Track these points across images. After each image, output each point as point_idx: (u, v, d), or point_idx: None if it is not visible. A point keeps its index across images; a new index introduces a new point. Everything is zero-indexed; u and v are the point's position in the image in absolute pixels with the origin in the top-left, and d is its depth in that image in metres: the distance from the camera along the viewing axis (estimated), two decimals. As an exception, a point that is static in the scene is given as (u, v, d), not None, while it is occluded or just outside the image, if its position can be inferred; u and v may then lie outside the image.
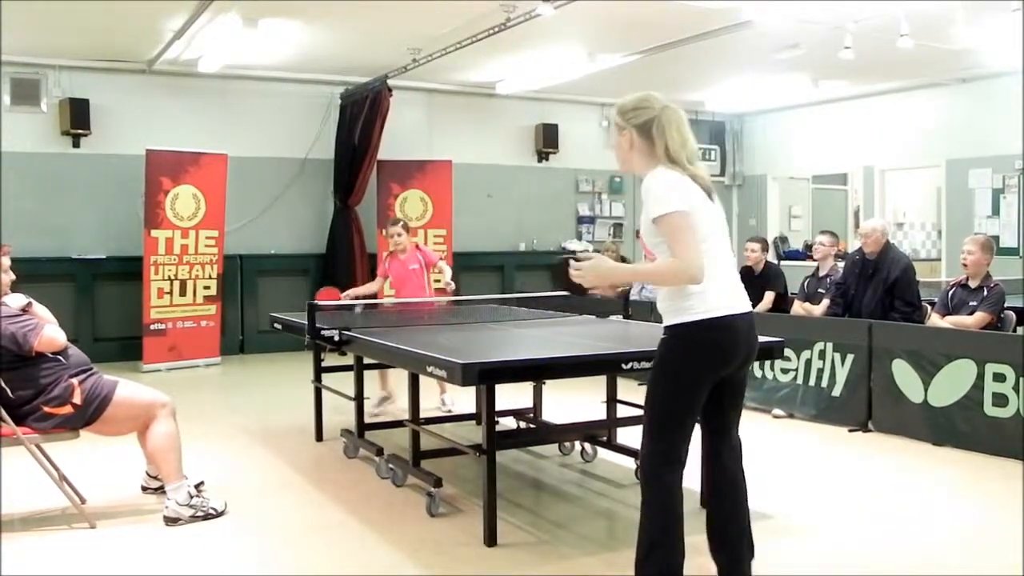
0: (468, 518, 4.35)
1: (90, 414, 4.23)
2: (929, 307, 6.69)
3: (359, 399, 5.54)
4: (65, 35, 8.46)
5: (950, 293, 6.48)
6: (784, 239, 12.70)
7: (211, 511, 4.36)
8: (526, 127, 11.93)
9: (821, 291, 7.28)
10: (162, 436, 4.34)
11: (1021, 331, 6.36)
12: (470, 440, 5.07)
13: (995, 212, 10.11)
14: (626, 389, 5.27)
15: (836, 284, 7.09)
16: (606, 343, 4.63)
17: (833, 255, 7.51)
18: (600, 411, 5.35)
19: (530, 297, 6.88)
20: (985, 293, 6.20)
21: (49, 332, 4.27)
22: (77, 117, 9.35)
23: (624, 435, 5.19)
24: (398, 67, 9.36)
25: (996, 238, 9.54)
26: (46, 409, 4.20)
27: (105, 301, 9.58)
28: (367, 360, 5.50)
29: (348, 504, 4.64)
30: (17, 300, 4.38)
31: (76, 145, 9.53)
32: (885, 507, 4.59)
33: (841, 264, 7.40)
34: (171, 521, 4.27)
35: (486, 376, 3.77)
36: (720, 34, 7.88)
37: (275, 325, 6.30)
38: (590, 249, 11.81)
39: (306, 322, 5.24)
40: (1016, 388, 5.31)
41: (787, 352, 6.08)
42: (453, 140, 11.25)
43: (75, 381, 4.24)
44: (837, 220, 12.02)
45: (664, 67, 9.43)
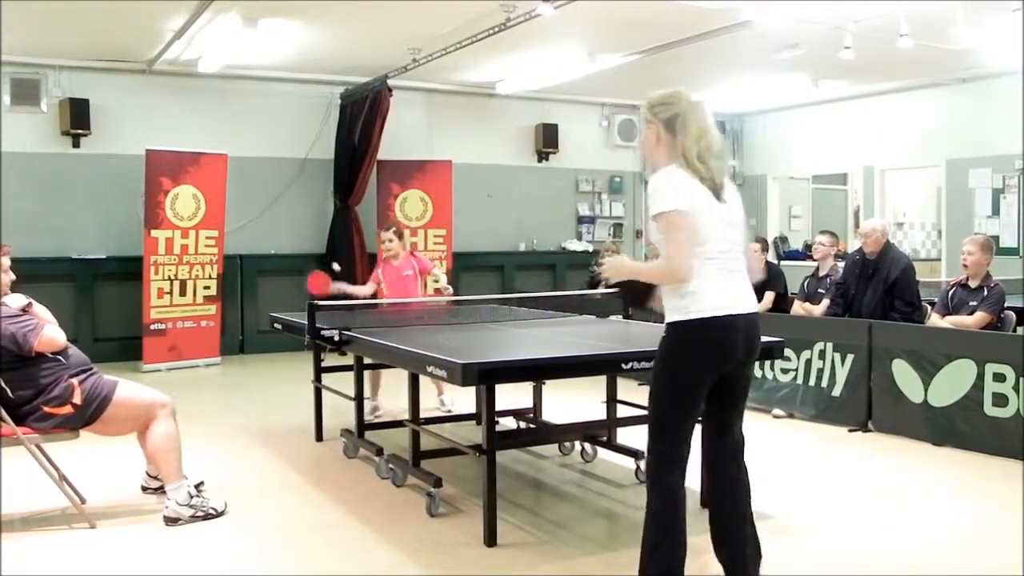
0: (468, 518, 4.35)
1: (90, 414, 4.23)
2: (929, 307, 6.69)
3: (359, 399, 5.54)
4: (65, 35, 8.45)
5: (950, 293, 6.48)
6: (784, 239, 12.70)
7: (211, 511, 4.37)
8: (526, 127, 11.93)
9: (821, 291, 7.28)
10: (162, 436, 4.34)
11: (1021, 331, 6.37)
12: (470, 440, 5.08)
13: (995, 212, 10.11)
14: (626, 389, 5.28)
15: (836, 284, 7.09)
16: (606, 343, 4.63)
17: (833, 255, 7.50)
18: (600, 411, 5.35)
19: (530, 297, 6.87)
20: (985, 293, 6.20)
21: (49, 332, 4.27)
22: (77, 117, 9.35)
23: (624, 435, 5.19)
24: (398, 67, 9.36)
25: (996, 238, 9.54)
26: (46, 409, 4.20)
27: (105, 301, 9.58)
28: (365, 361, 5.51)
29: (348, 504, 4.64)
30: (17, 300, 4.38)
31: (76, 145, 9.53)
32: (885, 507, 4.59)
33: (841, 264, 7.40)
34: (171, 521, 4.27)
35: (486, 376, 3.77)
36: (720, 34, 7.88)
37: (275, 325, 6.30)
38: (590, 249, 11.84)
39: (306, 322, 5.24)
40: (1016, 388, 5.32)
41: (787, 352, 6.08)
42: (453, 140, 11.24)
43: (75, 381, 4.25)
44: (837, 220, 12.01)
45: (664, 67, 9.41)
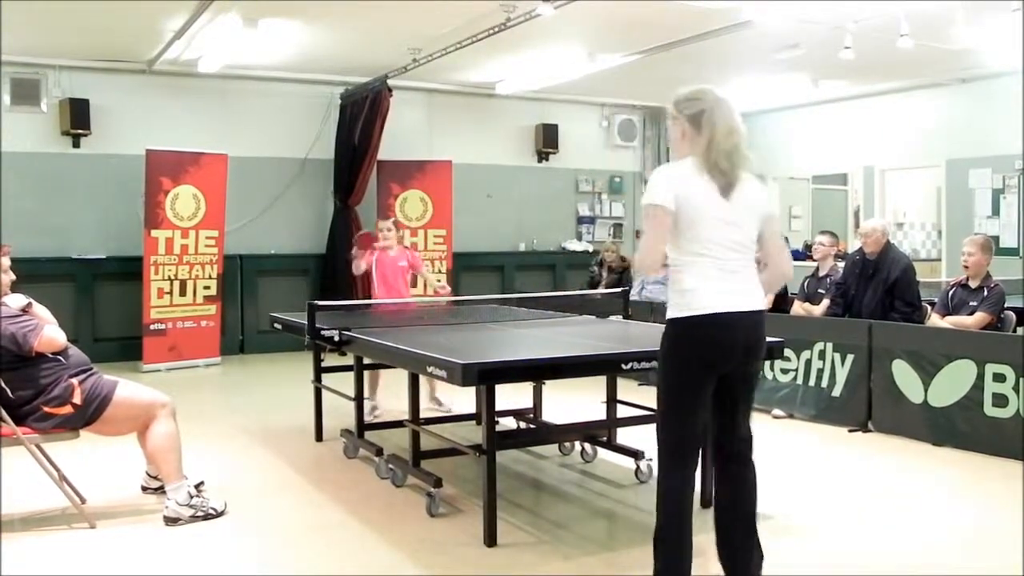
0: (468, 518, 4.35)
1: (90, 414, 4.23)
2: (929, 307, 6.69)
3: (359, 399, 5.54)
4: (65, 35, 8.45)
5: (950, 293, 6.48)
6: (784, 239, 12.68)
7: (211, 511, 4.36)
8: (526, 127, 11.93)
9: (821, 291, 7.28)
10: (162, 436, 4.34)
11: (1021, 331, 6.37)
12: (470, 440, 5.08)
13: (995, 212, 10.10)
14: (626, 389, 5.28)
15: (836, 284, 7.09)
16: (606, 343, 4.63)
17: (833, 255, 7.50)
18: (600, 411, 5.35)
19: (530, 297, 6.88)
20: (985, 293, 6.20)
21: (49, 332, 4.27)
22: (77, 117, 9.34)
23: (624, 435, 5.20)
24: (398, 67, 9.35)
25: (996, 238, 9.54)
26: (46, 409, 4.20)
27: (105, 301, 9.57)
28: (364, 361, 5.50)
29: (348, 504, 4.64)
30: (17, 300, 4.38)
31: (76, 145, 9.53)
32: (885, 507, 4.59)
33: (841, 264, 7.39)
34: (171, 521, 4.27)
35: (486, 376, 3.77)
36: (720, 34, 7.87)
37: (275, 325, 6.30)
38: (590, 249, 11.83)
39: (306, 322, 5.25)
40: (1016, 388, 5.32)
41: (787, 352, 6.08)
42: (453, 140, 11.24)
43: (75, 381, 4.25)
44: (837, 220, 12.00)
45: (664, 67, 9.41)
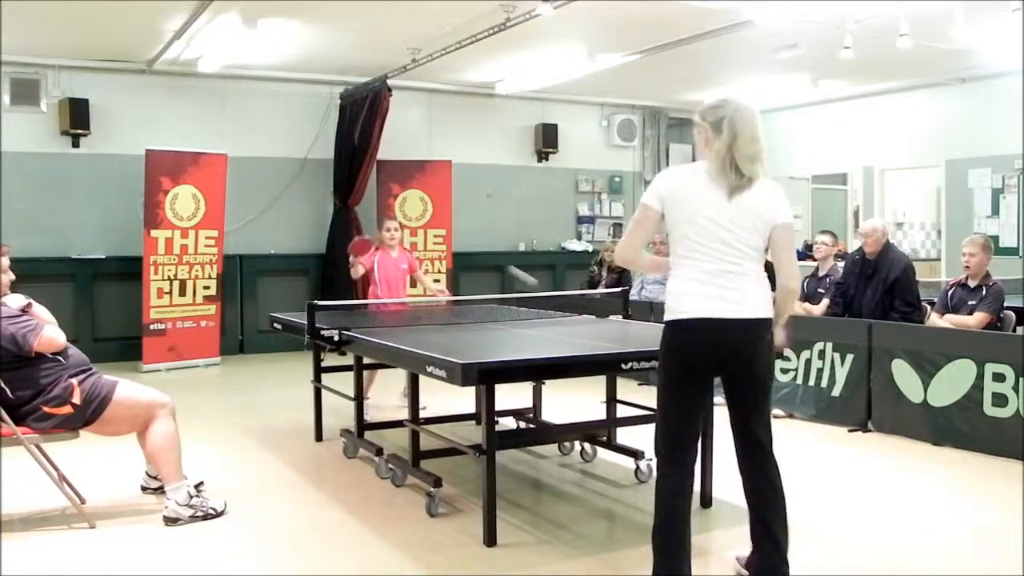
0: (468, 518, 4.36)
1: (90, 414, 4.23)
2: (929, 307, 6.69)
3: (359, 399, 5.54)
4: (65, 35, 8.45)
5: (949, 293, 6.48)
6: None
7: (211, 511, 4.37)
8: (526, 127, 11.93)
9: (821, 291, 7.28)
10: (162, 436, 4.34)
11: (1021, 331, 6.37)
12: (470, 440, 5.08)
13: (995, 212, 10.10)
14: (626, 389, 5.28)
15: (836, 284, 7.09)
16: (606, 343, 4.63)
17: (833, 255, 7.50)
18: (600, 411, 5.35)
19: (530, 297, 6.88)
20: (984, 293, 6.21)
21: (48, 332, 4.27)
22: (77, 117, 9.34)
23: (624, 435, 5.19)
24: (398, 67, 9.35)
25: (996, 238, 9.55)
26: (46, 409, 4.20)
27: (105, 301, 9.57)
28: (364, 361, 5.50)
29: (348, 504, 4.64)
30: (17, 300, 4.38)
31: (76, 145, 9.53)
32: (885, 507, 4.60)
33: (841, 264, 7.40)
34: (171, 521, 4.27)
35: (486, 376, 3.77)
36: (720, 34, 7.87)
37: (275, 325, 6.29)
38: (590, 249, 11.82)
39: (306, 322, 5.25)
40: (1016, 388, 5.32)
41: (787, 352, 6.07)
42: (453, 140, 11.24)
43: (75, 381, 4.24)
44: (837, 220, 11.99)
45: (664, 67, 9.42)
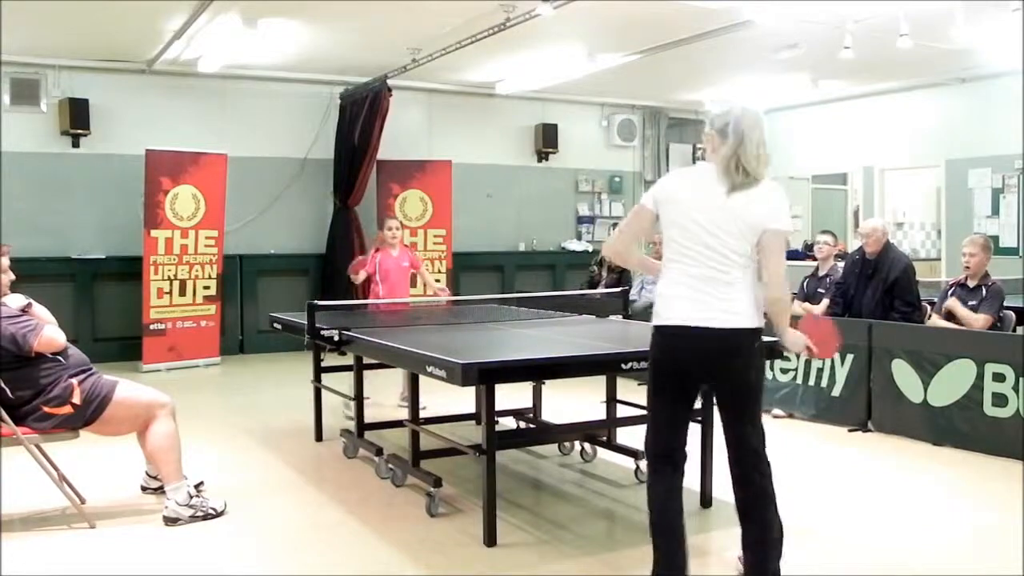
0: (468, 518, 4.36)
1: (89, 414, 4.23)
2: (929, 307, 6.69)
3: (359, 399, 5.54)
4: (65, 35, 8.45)
5: (949, 293, 6.48)
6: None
7: (211, 511, 4.37)
8: (526, 127, 11.92)
9: (821, 291, 7.27)
10: (162, 436, 4.34)
11: (1021, 331, 6.37)
12: (470, 440, 5.07)
13: (995, 212, 10.10)
14: (626, 389, 5.27)
15: (836, 284, 7.09)
16: (606, 343, 4.63)
17: (834, 255, 7.50)
18: (600, 411, 5.36)
19: (530, 297, 6.88)
20: (984, 293, 6.20)
21: (48, 332, 4.27)
22: (77, 117, 9.34)
23: (624, 435, 5.19)
24: (398, 67, 9.35)
25: (996, 238, 9.55)
26: (46, 409, 4.20)
27: (105, 301, 9.57)
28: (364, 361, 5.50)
29: (348, 504, 4.64)
30: (17, 300, 4.38)
31: (76, 145, 9.52)
32: (885, 507, 4.60)
33: (841, 264, 7.39)
34: (171, 521, 4.27)
35: (486, 376, 3.78)
36: (720, 34, 7.87)
37: (275, 325, 6.29)
38: (590, 249, 11.83)
39: (306, 322, 5.25)
40: (1016, 388, 5.32)
41: (786, 352, 6.04)
42: (453, 140, 11.24)
43: (75, 381, 4.25)
44: (837, 220, 11.99)
45: (664, 67, 9.42)
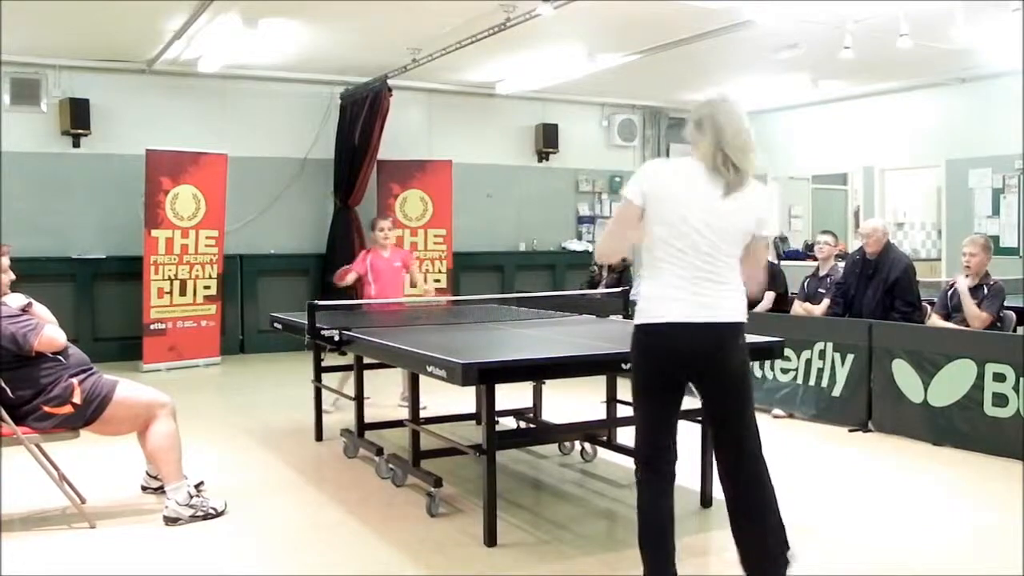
0: (468, 518, 4.36)
1: (90, 414, 4.23)
2: (929, 307, 6.69)
3: (359, 399, 5.54)
4: (65, 35, 8.45)
5: (949, 293, 6.48)
6: (784, 239, 12.68)
7: (211, 511, 4.37)
8: (526, 127, 11.93)
9: (821, 291, 7.28)
10: (162, 436, 4.34)
11: (1021, 331, 6.37)
12: (470, 440, 5.07)
13: (995, 212, 10.10)
14: (626, 389, 5.25)
15: (836, 284, 7.09)
16: (606, 343, 4.62)
17: (834, 255, 7.50)
18: (600, 411, 5.36)
19: (530, 297, 6.88)
20: (985, 292, 6.20)
21: (49, 332, 4.27)
22: (77, 117, 9.34)
23: (624, 435, 5.18)
24: (398, 67, 9.35)
25: (996, 238, 9.55)
26: (46, 409, 4.20)
27: (105, 301, 9.57)
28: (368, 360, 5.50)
29: (348, 504, 4.64)
30: (17, 300, 4.38)
31: (76, 145, 9.53)
32: (885, 507, 4.60)
33: (841, 264, 7.40)
34: (171, 521, 4.27)
35: (486, 376, 3.78)
36: (720, 34, 7.87)
37: (275, 325, 6.30)
38: (590, 249, 11.83)
39: (306, 322, 5.25)
40: (1016, 388, 5.32)
41: (787, 352, 6.08)
42: (453, 140, 11.24)
43: (75, 381, 4.24)
44: (837, 220, 11.99)
45: (664, 67, 9.42)
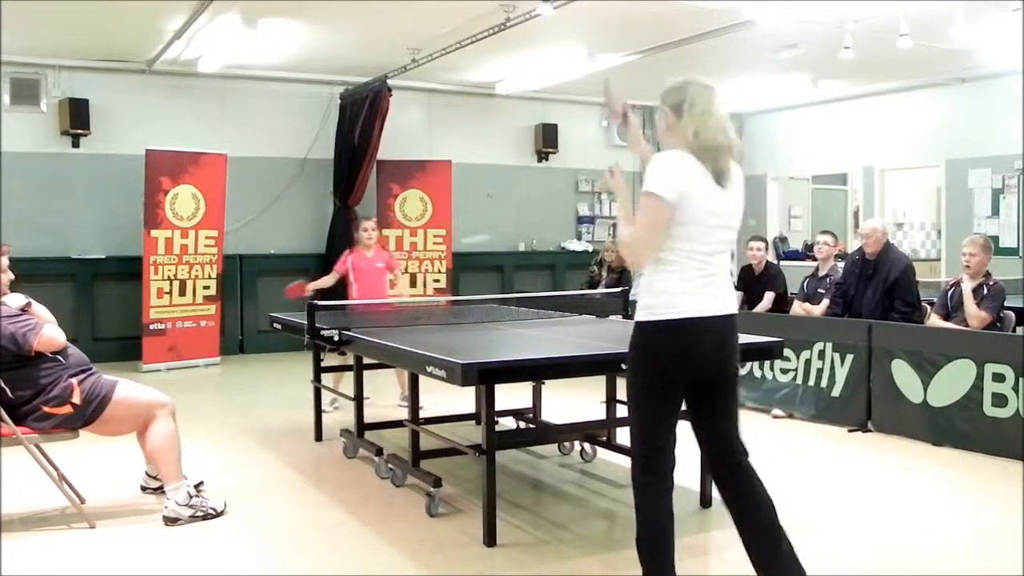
0: (468, 518, 4.36)
1: (89, 414, 4.23)
2: (928, 307, 6.69)
3: (359, 399, 5.54)
4: (65, 35, 8.45)
5: (949, 293, 6.48)
6: (784, 239, 12.69)
7: (210, 511, 4.37)
8: (526, 127, 11.93)
9: (821, 291, 7.28)
10: (162, 436, 4.34)
11: (1021, 331, 6.37)
12: (470, 440, 5.07)
13: (995, 212, 10.10)
14: (625, 389, 5.26)
15: (836, 284, 7.09)
16: (606, 343, 4.62)
17: (834, 255, 7.51)
18: (600, 411, 5.36)
19: (530, 297, 6.88)
20: (985, 292, 6.20)
21: (48, 332, 4.27)
22: (77, 117, 9.34)
23: (624, 435, 5.16)
24: (398, 67, 9.36)
25: (996, 238, 9.55)
26: (45, 409, 4.20)
27: (105, 301, 9.58)
28: (368, 361, 5.50)
29: (348, 504, 4.64)
30: (17, 300, 4.38)
31: (76, 145, 9.53)
32: (884, 507, 4.60)
33: (841, 264, 7.40)
34: (170, 521, 4.27)
35: (486, 376, 3.78)
36: (720, 34, 7.87)
37: (275, 325, 6.29)
38: (590, 249, 11.82)
39: (306, 322, 5.25)
40: (1015, 388, 5.32)
41: (787, 352, 6.08)
42: (453, 140, 11.24)
43: (74, 381, 4.24)
44: (837, 220, 12.01)
45: (664, 67, 9.28)
